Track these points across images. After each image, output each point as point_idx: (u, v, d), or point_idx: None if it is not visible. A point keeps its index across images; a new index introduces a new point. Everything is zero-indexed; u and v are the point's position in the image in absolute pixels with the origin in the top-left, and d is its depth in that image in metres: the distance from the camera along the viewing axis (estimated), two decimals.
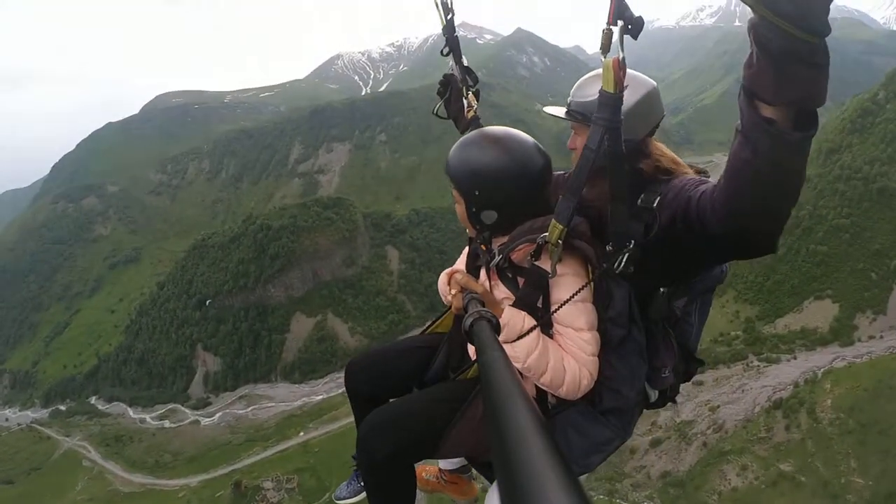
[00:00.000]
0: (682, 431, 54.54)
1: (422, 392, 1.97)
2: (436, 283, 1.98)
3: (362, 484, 1.98)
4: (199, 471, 71.67)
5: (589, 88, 1.71)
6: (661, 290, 1.66)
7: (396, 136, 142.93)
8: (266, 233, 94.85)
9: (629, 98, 1.58)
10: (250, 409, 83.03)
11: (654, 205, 1.55)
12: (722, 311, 71.34)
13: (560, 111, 1.81)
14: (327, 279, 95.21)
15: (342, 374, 2.21)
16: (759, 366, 60.60)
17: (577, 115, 1.73)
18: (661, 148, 1.76)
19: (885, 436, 43.40)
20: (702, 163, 2.84)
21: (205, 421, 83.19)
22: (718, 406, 55.88)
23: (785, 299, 68.10)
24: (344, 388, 2.14)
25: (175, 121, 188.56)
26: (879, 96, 77.44)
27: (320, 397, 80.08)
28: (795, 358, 59.82)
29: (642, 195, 1.59)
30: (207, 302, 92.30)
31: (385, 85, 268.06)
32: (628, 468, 53.17)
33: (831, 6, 0.92)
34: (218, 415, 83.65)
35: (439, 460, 2.35)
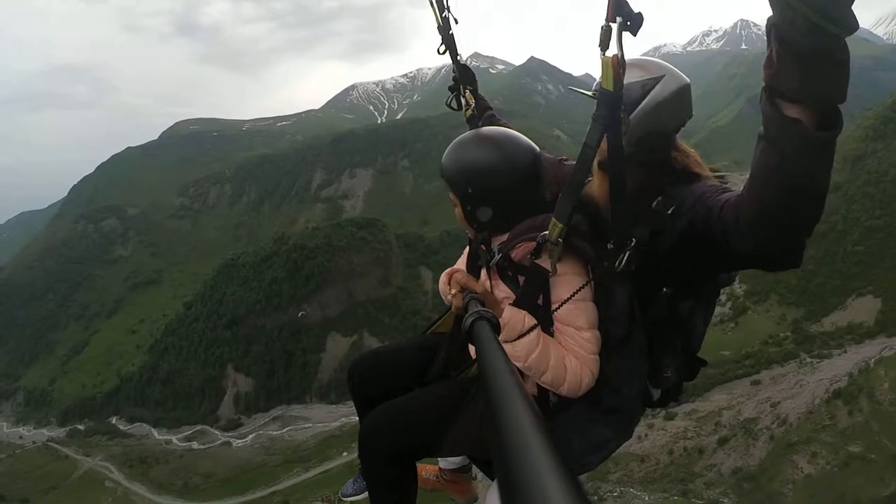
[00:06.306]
0: (748, 428, 58.47)
1: (422, 391, 2.05)
2: None
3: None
4: (234, 493, 71.86)
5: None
6: (664, 289, 1.74)
7: (419, 161, 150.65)
8: (301, 252, 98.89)
9: (664, 89, 1.73)
10: (286, 430, 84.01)
11: (669, 212, 1.58)
12: (767, 316, 77.16)
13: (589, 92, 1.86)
14: (362, 299, 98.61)
15: None
16: (812, 362, 65.77)
17: None
18: (686, 146, 1.85)
19: None
20: None
21: (237, 442, 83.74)
22: (779, 402, 60.18)
23: (829, 299, 74.55)
24: None
25: (194, 147, 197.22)
26: None
27: None
28: (846, 352, 65.29)
29: (659, 198, 1.60)
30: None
31: (400, 114, 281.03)
32: (699, 468, 56.53)
33: None
34: (251, 436, 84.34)
35: (439, 459, 2.53)
